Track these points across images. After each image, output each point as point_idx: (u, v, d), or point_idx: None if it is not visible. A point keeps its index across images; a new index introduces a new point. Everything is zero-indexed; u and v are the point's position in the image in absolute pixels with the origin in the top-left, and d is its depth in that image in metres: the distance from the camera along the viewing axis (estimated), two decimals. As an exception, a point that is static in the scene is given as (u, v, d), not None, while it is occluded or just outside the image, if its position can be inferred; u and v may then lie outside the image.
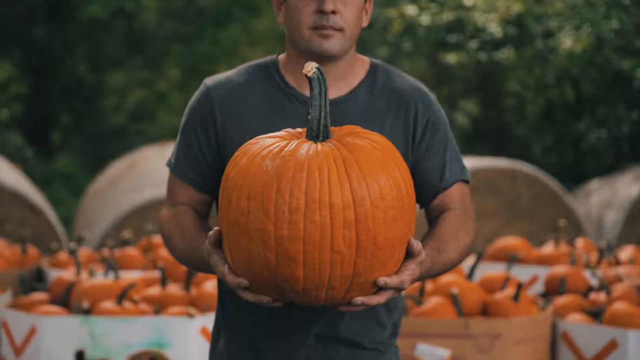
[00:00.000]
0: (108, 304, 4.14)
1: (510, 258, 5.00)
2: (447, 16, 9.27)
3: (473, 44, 9.23)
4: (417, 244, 2.00)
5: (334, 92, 2.27)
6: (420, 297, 4.28)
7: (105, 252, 5.40)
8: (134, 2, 18.15)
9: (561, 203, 7.69)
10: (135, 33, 18.29)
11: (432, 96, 2.34)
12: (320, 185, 1.89)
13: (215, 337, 2.34)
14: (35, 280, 5.61)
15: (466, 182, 2.35)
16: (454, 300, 4.10)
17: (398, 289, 2.00)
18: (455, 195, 2.30)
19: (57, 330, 4.02)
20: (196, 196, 2.29)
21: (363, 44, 10.71)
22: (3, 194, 7.02)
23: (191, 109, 2.30)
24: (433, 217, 2.30)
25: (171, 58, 18.37)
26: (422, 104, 2.29)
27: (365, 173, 1.92)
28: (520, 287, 4.16)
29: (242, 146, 2.02)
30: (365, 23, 2.31)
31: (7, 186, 7.04)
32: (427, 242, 2.16)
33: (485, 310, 4.21)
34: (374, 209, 1.91)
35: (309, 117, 2.00)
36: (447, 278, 4.30)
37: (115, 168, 8.74)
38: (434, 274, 2.17)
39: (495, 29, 9.09)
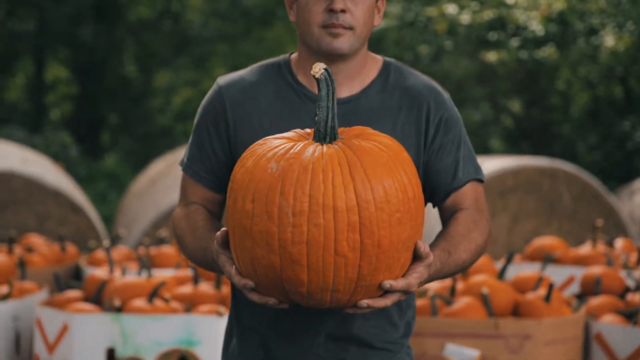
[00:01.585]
0: (139, 302, 4.18)
1: (545, 258, 4.95)
2: (488, 14, 9.20)
3: (514, 42, 9.15)
4: (424, 247, 1.98)
5: (345, 91, 2.27)
6: (450, 297, 4.26)
7: (141, 250, 5.45)
8: (179, 2, 18.28)
9: (603, 202, 7.59)
10: (181, 33, 18.42)
11: (446, 95, 2.32)
12: (324, 188, 1.88)
13: (228, 337, 2.35)
14: (73, 278, 5.68)
15: (480, 181, 2.33)
16: (484, 300, 4.08)
17: (405, 292, 1.98)
18: (468, 194, 2.28)
19: (89, 328, 4.06)
20: (208, 195, 2.30)
21: (404, 43, 10.69)
22: (45, 192, 7.11)
23: (204, 108, 2.32)
24: (446, 217, 2.28)
25: (217, 58, 18.47)
26: (435, 102, 2.27)
27: (370, 176, 1.91)
28: (551, 287, 4.12)
29: (250, 147, 2.02)
30: (377, 22, 2.30)
31: (49, 185, 7.14)
32: (437, 243, 2.14)
33: (516, 311, 4.18)
34: (378, 212, 1.89)
35: (316, 118, 1.99)
36: (478, 278, 4.28)
37: (156, 167, 8.82)
38: (444, 275, 2.15)
39: (536, 26, 8.99)
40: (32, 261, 5.58)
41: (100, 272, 4.60)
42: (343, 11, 2.18)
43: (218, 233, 2.03)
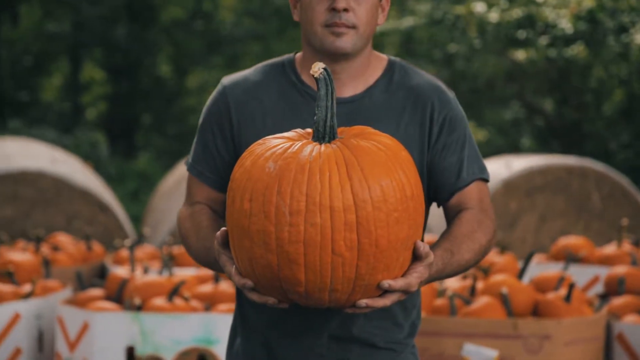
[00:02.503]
0: (159, 301, 4.20)
1: (567, 258, 4.91)
2: (517, 12, 9.14)
3: (543, 41, 9.08)
4: (423, 246, 1.97)
5: (349, 91, 2.27)
6: (470, 296, 4.24)
7: (165, 249, 5.48)
8: (212, 2, 18.35)
9: (633, 202, 7.52)
10: (213, 33, 18.49)
11: (451, 94, 2.31)
12: (321, 188, 1.88)
13: (233, 336, 2.35)
14: (98, 277, 5.73)
15: (485, 181, 2.31)
16: (504, 300, 4.05)
17: (405, 292, 1.98)
18: (473, 194, 2.27)
19: (109, 326, 4.09)
20: (213, 195, 2.31)
21: (434, 41, 10.65)
22: (74, 192, 7.18)
23: (208, 109, 2.32)
24: (450, 216, 2.27)
25: (249, 57, 18.51)
26: (439, 101, 2.26)
27: (368, 175, 1.90)
28: (571, 287, 4.08)
29: (250, 146, 2.02)
30: (381, 21, 2.29)
31: (78, 185, 7.20)
32: (440, 243, 2.13)
33: (536, 311, 4.15)
34: (375, 211, 1.89)
35: (315, 118, 1.99)
36: (498, 278, 4.25)
37: (183, 166, 8.86)
38: (447, 275, 2.14)
39: (566, 24, 8.92)
40: (57, 260, 5.63)
41: (122, 271, 4.63)
42: (346, 10, 2.18)
43: (218, 233, 2.04)
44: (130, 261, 4.65)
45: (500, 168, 7.62)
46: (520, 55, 9.20)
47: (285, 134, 2.04)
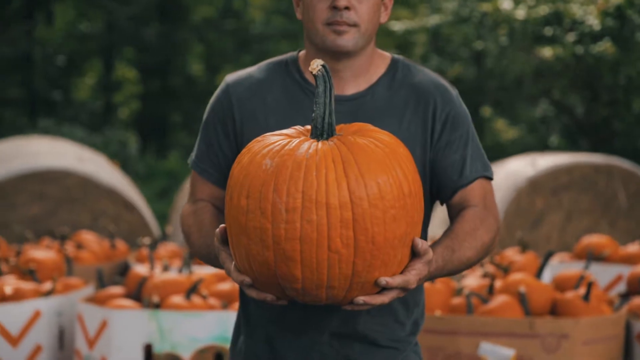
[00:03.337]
0: (177, 299, 4.22)
1: (588, 256, 4.87)
2: (544, 9, 9.06)
3: (570, 37, 9.00)
4: (422, 243, 1.96)
5: (352, 88, 2.26)
6: (488, 295, 4.22)
7: (186, 247, 5.51)
8: (242, 0, 18.40)
9: (660, 200, 7.45)
10: (244, 32, 18.54)
11: (454, 92, 2.30)
12: (317, 185, 1.88)
13: (236, 333, 2.36)
14: (121, 274, 5.77)
15: (489, 179, 2.30)
16: (521, 299, 4.03)
17: (403, 289, 1.97)
18: (476, 192, 2.25)
19: (127, 324, 4.11)
20: (216, 192, 2.31)
21: (464, 37, 10.59)
22: (99, 190, 7.23)
23: (211, 106, 2.33)
24: (453, 214, 2.26)
25: (279, 55, 18.54)
26: (442, 99, 2.25)
27: (364, 172, 1.90)
28: (589, 286, 4.05)
29: (249, 144, 2.03)
30: (384, 19, 2.29)
31: (103, 183, 7.25)
32: (441, 241, 2.13)
33: (554, 310, 4.12)
34: (372, 208, 1.88)
35: (313, 115, 1.99)
36: (516, 276, 4.23)
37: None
38: (448, 273, 2.13)
39: (593, 21, 8.84)
40: (81, 258, 5.68)
41: (142, 269, 4.66)
42: (347, 8, 2.17)
43: (217, 230, 2.04)
44: (150, 259, 4.68)
45: (526, 166, 7.58)
46: (546, 52, 9.12)
47: (284, 131, 2.04)
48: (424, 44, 12.15)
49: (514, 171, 7.60)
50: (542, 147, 11.94)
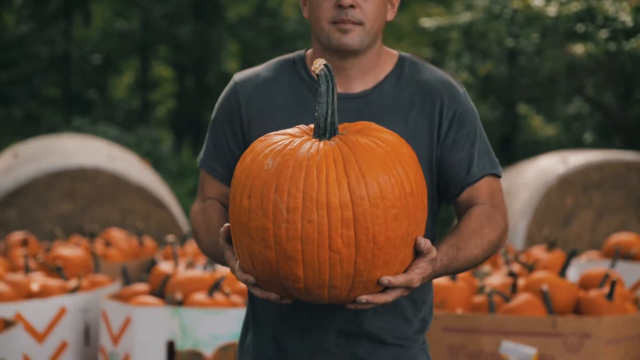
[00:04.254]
0: (200, 296, 4.24)
1: (615, 255, 4.82)
2: (576, 6, 8.98)
3: (603, 34, 8.91)
4: (424, 242, 1.96)
5: (359, 86, 2.26)
6: (511, 293, 4.20)
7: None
8: (276, -1, 18.43)
9: (694, 197, 7.36)
10: (278, 30, 18.57)
11: (461, 89, 2.29)
12: (317, 185, 1.88)
13: (244, 332, 2.37)
14: (148, 272, 5.81)
15: (497, 177, 2.29)
16: (544, 297, 4.00)
17: (407, 288, 1.97)
18: (483, 189, 2.24)
19: (150, 321, 4.14)
20: (224, 190, 2.33)
21: (497, 33, 10.52)
22: (129, 188, 7.29)
23: (220, 104, 2.34)
24: (461, 212, 2.25)
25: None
26: (449, 96, 2.25)
27: (365, 172, 1.89)
28: (613, 284, 4.01)
29: (252, 143, 2.03)
30: (390, 16, 2.28)
31: (133, 181, 7.31)
32: (447, 239, 2.12)
33: (578, 308, 4.09)
34: (373, 208, 1.88)
35: (316, 114, 2.00)
36: (539, 275, 4.20)
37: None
38: (454, 271, 2.12)
39: (626, 17, 8.74)
40: (109, 255, 5.73)
41: (166, 266, 4.69)
42: (352, 6, 2.17)
43: (222, 228, 2.05)
44: (174, 256, 4.71)
45: (557, 164, 7.52)
46: (579, 49, 9.03)
47: (288, 130, 2.05)
48: (458, 41, 12.09)
49: (544, 168, 7.55)
50: (576, 144, 11.83)
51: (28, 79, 17.70)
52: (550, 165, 7.56)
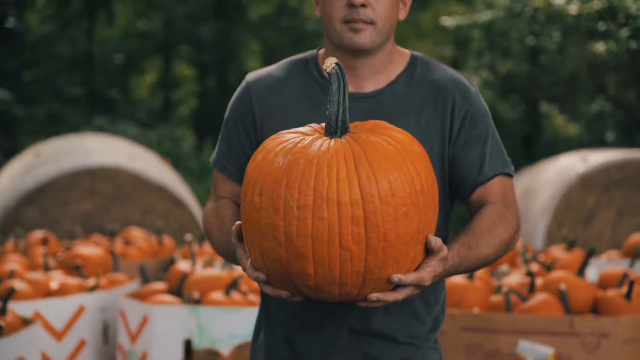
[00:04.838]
0: (217, 295, 4.26)
1: (634, 254, 4.80)
2: (597, 4, 8.92)
3: (624, 32, 8.85)
4: (435, 241, 1.96)
5: (371, 86, 2.26)
6: (529, 293, 4.18)
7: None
8: (297, -2, 18.44)
9: None
10: (299, 29, 18.58)
11: (473, 89, 2.28)
12: (328, 182, 1.88)
13: (257, 330, 2.38)
14: (166, 270, 5.83)
15: (509, 176, 2.28)
16: (562, 296, 3.98)
17: (418, 286, 1.97)
18: (495, 189, 2.24)
19: (167, 320, 4.16)
20: (237, 189, 2.33)
21: (518, 31, 10.47)
22: (149, 187, 7.32)
23: (232, 104, 2.35)
24: (473, 212, 2.25)
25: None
26: (461, 96, 2.24)
27: (376, 170, 1.90)
28: (632, 284, 3.99)
29: (264, 142, 2.04)
30: (402, 16, 2.28)
31: (153, 180, 7.34)
32: (459, 238, 2.11)
33: (596, 308, 4.07)
34: (383, 205, 1.88)
35: (327, 112, 2.00)
36: (557, 274, 4.18)
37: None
38: (465, 270, 2.12)
39: (647, 16, 8.69)
40: (128, 254, 5.75)
41: (184, 265, 4.71)
42: (364, 5, 2.17)
43: (233, 226, 2.06)
44: (191, 255, 4.73)
45: (577, 162, 7.48)
46: (600, 47, 8.98)
47: (300, 129, 2.05)
48: (479, 39, 12.06)
49: (565, 167, 7.51)
50: (598, 143, 11.77)
51: (51, 79, 17.81)
52: (571, 164, 7.53)
